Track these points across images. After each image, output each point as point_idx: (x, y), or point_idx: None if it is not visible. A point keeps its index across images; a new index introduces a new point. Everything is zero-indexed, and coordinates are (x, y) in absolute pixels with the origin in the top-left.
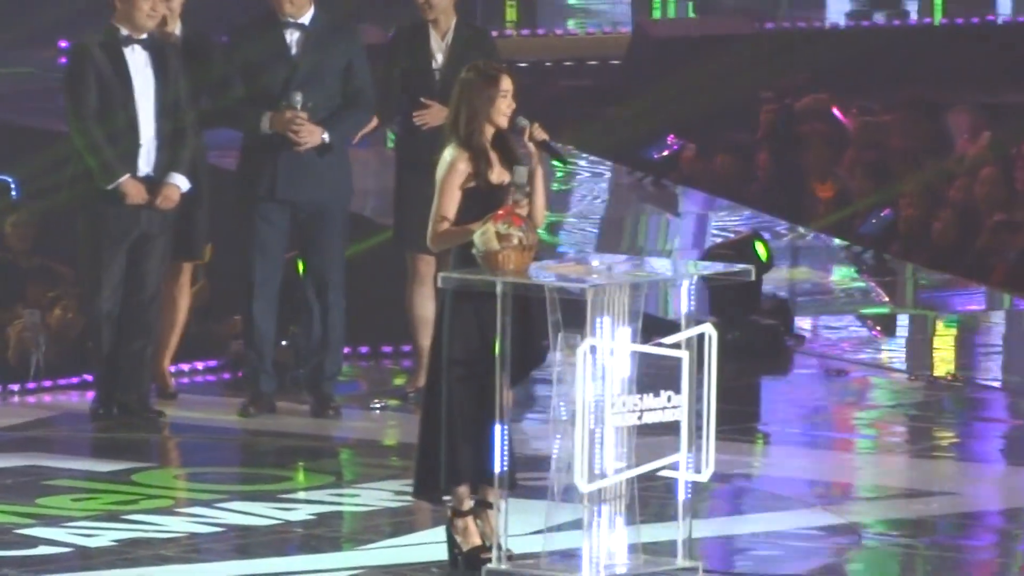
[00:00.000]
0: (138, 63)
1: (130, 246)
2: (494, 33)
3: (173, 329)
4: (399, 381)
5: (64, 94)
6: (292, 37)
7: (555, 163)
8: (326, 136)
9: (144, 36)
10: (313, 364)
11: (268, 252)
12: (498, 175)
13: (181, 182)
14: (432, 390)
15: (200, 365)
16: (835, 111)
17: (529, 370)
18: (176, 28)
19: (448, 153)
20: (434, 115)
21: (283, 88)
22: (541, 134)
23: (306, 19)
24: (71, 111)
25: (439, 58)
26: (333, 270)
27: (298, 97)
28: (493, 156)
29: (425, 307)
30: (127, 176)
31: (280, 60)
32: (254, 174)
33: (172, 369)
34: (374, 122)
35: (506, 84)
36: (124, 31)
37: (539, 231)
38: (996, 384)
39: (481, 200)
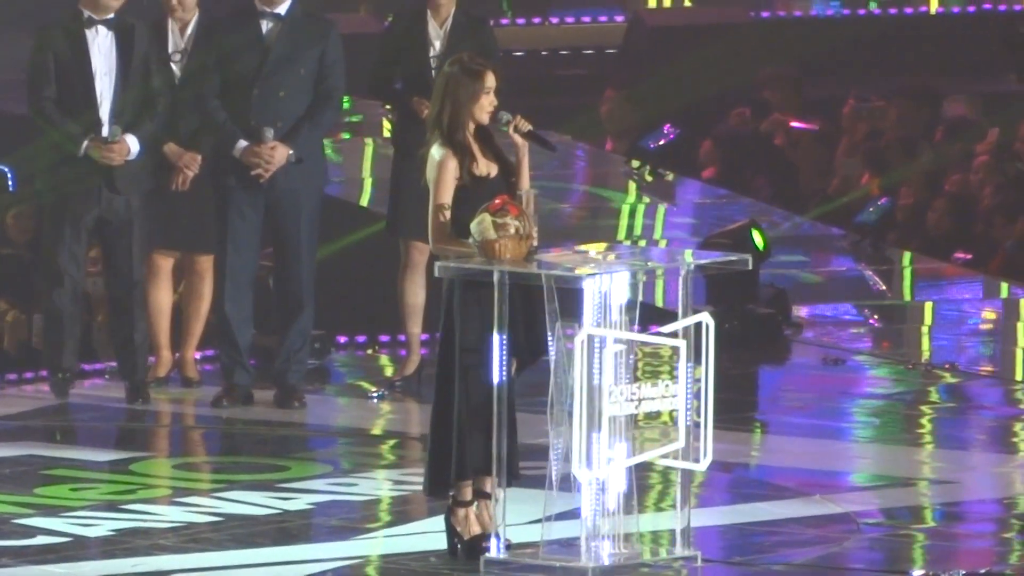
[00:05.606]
0: (101, 44)
1: (98, 234)
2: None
3: (197, 319)
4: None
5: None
6: (268, 27)
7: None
8: (292, 154)
9: (110, 16)
10: (281, 356)
11: (241, 244)
12: (483, 167)
13: (132, 142)
14: (443, 386)
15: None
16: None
17: (535, 358)
18: (193, 16)
19: (436, 152)
20: None
21: (255, 76)
22: (526, 125)
23: (282, 9)
24: (29, 95)
25: (437, 46)
26: (301, 259)
27: (270, 133)
28: (476, 150)
29: (416, 295)
30: (90, 139)
31: (254, 49)
32: (225, 165)
33: (198, 356)
34: None
35: (490, 81)
36: (87, 13)
37: None
38: (992, 373)
39: (468, 195)
